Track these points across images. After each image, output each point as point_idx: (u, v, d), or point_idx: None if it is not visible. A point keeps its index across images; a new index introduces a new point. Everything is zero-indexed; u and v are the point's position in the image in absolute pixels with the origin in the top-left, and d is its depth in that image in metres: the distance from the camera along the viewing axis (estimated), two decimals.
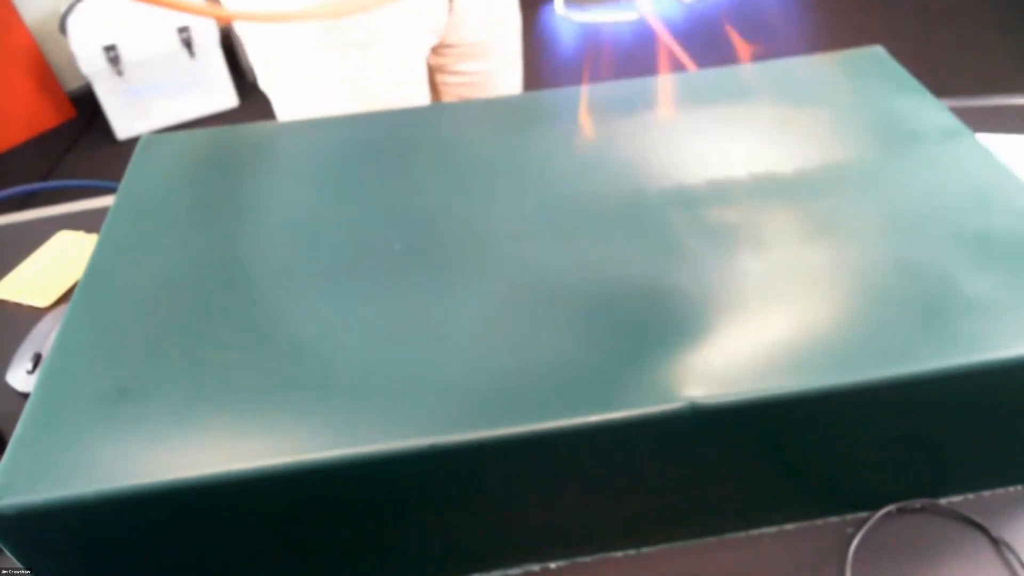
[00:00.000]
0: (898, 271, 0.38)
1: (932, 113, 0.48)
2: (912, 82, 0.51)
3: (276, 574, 0.38)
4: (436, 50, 0.80)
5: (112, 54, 1.93)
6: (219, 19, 0.54)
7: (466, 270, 0.40)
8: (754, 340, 0.35)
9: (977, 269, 0.38)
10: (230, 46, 2.17)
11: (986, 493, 0.42)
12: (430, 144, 0.49)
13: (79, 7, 1.95)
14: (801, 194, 0.43)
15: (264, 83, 0.76)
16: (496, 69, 0.85)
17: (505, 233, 0.42)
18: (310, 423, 0.33)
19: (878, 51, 0.54)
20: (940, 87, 0.52)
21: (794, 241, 0.40)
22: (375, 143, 0.49)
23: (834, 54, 0.55)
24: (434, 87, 0.85)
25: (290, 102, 0.75)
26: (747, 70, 0.54)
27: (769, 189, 0.43)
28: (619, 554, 0.41)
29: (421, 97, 0.78)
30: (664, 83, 0.53)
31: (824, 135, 0.47)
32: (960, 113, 0.48)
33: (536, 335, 0.36)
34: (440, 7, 0.74)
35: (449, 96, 0.86)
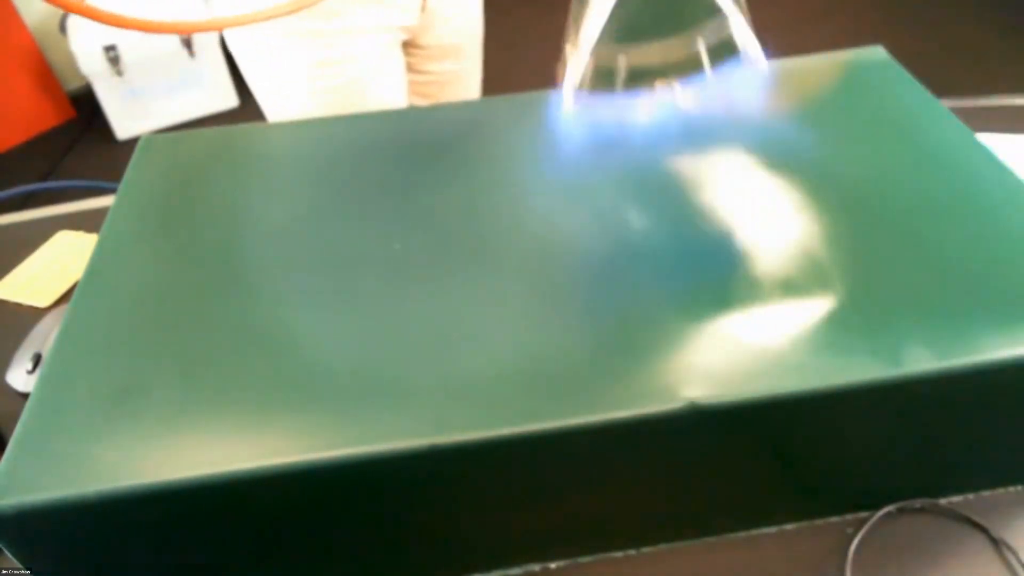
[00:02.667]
0: (897, 271, 0.38)
1: (932, 113, 0.48)
2: (912, 82, 0.51)
3: (276, 574, 0.38)
4: (406, 49, 0.82)
5: (112, 54, 1.93)
6: (181, 31, 0.54)
7: (466, 271, 0.40)
8: (754, 340, 0.35)
9: (977, 269, 0.38)
10: None
11: (986, 493, 0.42)
12: (428, 145, 0.49)
13: None
14: (800, 195, 0.43)
15: (247, 77, 0.78)
16: (462, 69, 0.87)
17: (503, 234, 0.42)
18: (310, 423, 0.33)
19: (878, 51, 0.54)
20: (940, 87, 0.52)
21: (794, 241, 0.40)
22: (375, 143, 0.49)
23: (834, 54, 0.55)
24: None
25: (272, 94, 0.77)
26: (747, 70, 0.53)
27: (768, 190, 0.43)
28: (619, 554, 0.41)
29: (397, 88, 0.80)
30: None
31: (823, 135, 0.47)
32: (960, 113, 0.48)
33: (535, 335, 0.36)
34: (412, 4, 0.75)
35: (413, 94, 0.88)
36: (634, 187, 0.44)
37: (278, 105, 0.78)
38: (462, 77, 0.88)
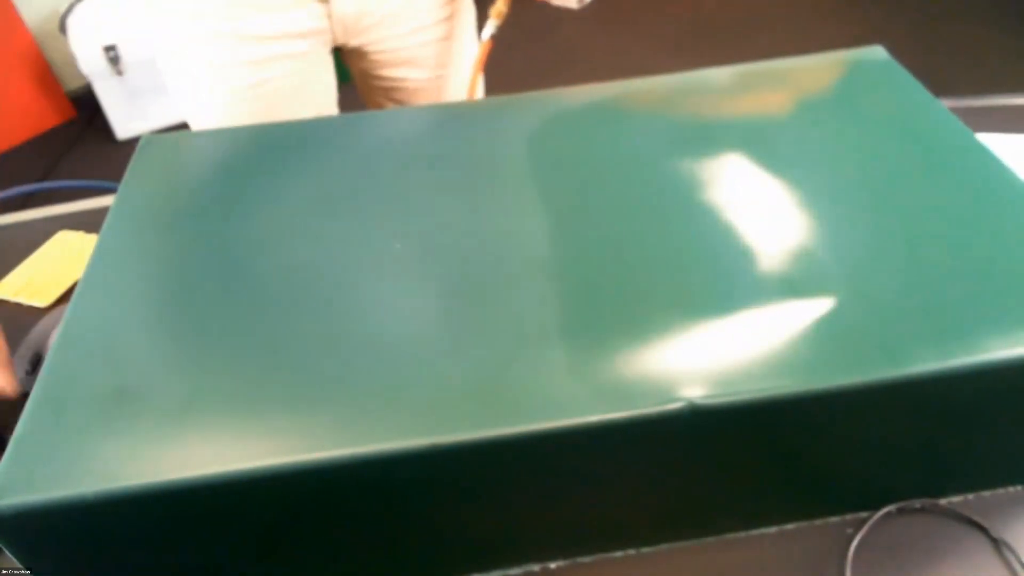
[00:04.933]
0: (898, 271, 0.38)
1: (932, 113, 0.48)
2: (912, 82, 0.51)
3: (275, 574, 0.38)
4: (359, 55, 0.82)
5: (112, 54, 1.93)
6: None
7: (465, 271, 0.40)
8: (754, 340, 0.35)
9: (977, 269, 0.38)
10: None
11: (986, 493, 0.42)
12: (428, 145, 0.49)
13: (79, 7, 1.95)
14: (800, 194, 0.43)
15: (168, 79, 0.78)
16: (431, 79, 0.86)
17: (506, 232, 0.42)
18: (310, 423, 0.33)
19: (878, 51, 0.54)
20: (940, 87, 0.52)
21: (793, 242, 0.40)
22: (374, 143, 0.49)
23: (834, 54, 0.55)
24: (367, 91, 0.89)
25: (188, 97, 0.78)
26: (746, 70, 0.54)
27: (768, 189, 0.43)
28: (619, 554, 0.41)
29: (321, 93, 0.81)
30: (662, 83, 0.53)
31: (823, 135, 0.47)
32: (960, 113, 0.48)
33: (536, 335, 0.36)
34: (316, 10, 0.75)
35: (382, 99, 0.88)
36: (633, 187, 0.44)
37: (194, 109, 0.79)
38: (436, 87, 0.87)
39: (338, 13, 0.75)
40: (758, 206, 0.42)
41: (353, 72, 0.88)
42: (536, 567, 0.41)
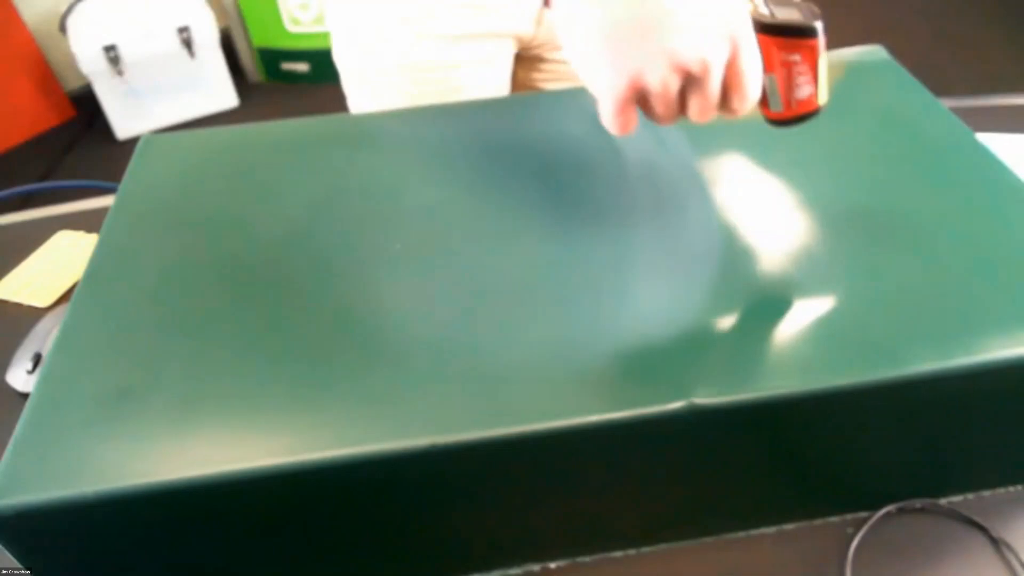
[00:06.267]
0: (898, 271, 0.38)
1: (932, 113, 0.48)
2: (912, 82, 0.51)
3: (276, 574, 0.38)
4: (525, 51, 0.80)
5: (112, 54, 1.93)
6: None
7: (467, 271, 0.40)
8: (754, 340, 0.35)
9: (977, 269, 0.38)
10: (230, 46, 2.17)
11: (986, 493, 0.42)
12: (430, 143, 0.49)
13: (79, 7, 1.95)
14: (799, 195, 0.43)
15: (344, 80, 0.76)
16: None
17: (507, 233, 0.42)
18: (310, 423, 0.33)
19: (878, 51, 0.54)
20: (940, 87, 0.52)
21: (794, 242, 0.40)
22: (376, 142, 0.49)
23: (834, 53, 0.54)
24: (523, 85, 0.85)
25: (365, 95, 0.75)
26: None
27: (768, 190, 0.43)
28: (619, 554, 0.41)
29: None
30: None
31: (823, 135, 0.47)
32: (960, 113, 0.48)
33: (536, 335, 0.36)
34: (525, 14, 0.73)
35: (552, 84, 0.85)
36: (632, 187, 0.44)
37: (368, 107, 0.76)
38: None
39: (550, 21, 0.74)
40: (758, 207, 0.42)
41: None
42: (536, 567, 0.41)
